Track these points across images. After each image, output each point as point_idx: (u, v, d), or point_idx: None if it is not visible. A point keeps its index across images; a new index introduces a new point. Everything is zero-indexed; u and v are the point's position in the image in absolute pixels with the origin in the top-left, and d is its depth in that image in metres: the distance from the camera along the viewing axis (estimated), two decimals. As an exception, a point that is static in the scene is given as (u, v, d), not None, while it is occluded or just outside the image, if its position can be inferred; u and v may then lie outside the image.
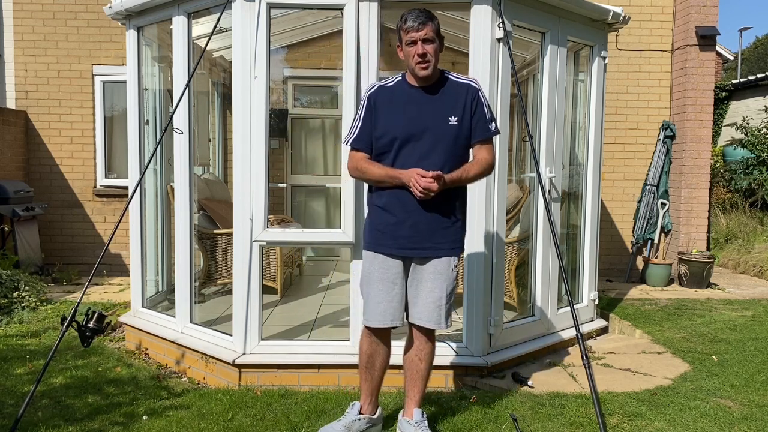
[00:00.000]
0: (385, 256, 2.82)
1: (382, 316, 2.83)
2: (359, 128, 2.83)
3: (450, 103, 2.77)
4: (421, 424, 2.91)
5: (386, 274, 2.83)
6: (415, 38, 2.67)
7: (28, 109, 7.04)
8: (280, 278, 5.46)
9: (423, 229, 2.77)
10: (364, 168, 2.81)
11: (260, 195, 3.71)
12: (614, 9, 4.52)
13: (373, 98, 2.83)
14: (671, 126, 6.91)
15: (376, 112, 2.80)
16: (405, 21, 2.69)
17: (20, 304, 5.19)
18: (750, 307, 5.54)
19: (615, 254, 7.15)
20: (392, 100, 2.80)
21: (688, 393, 3.53)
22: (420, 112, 2.76)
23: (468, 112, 2.78)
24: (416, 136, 2.73)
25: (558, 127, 4.33)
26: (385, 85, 2.86)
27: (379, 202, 2.82)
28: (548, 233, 4.28)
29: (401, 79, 2.85)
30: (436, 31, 2.71)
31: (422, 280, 2.83)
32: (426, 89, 2.79)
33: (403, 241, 2.78)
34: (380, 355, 2.95)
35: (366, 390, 2.99)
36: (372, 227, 2.87)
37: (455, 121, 2.75)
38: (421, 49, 2.67)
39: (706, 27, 6.62)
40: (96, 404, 3.38)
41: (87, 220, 7.14)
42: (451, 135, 2.75)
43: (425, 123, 2.74)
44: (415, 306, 2.85)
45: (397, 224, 2.77)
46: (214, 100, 7.14)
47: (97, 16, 6.93)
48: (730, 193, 9.46)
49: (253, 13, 3.65)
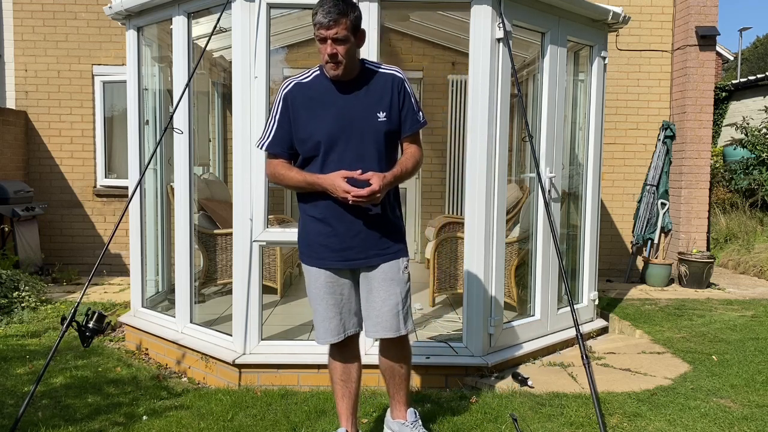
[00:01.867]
0: (330, 272, 2.61)
1: (336, 331, 2.64)
2: (274, 130, 2.57)
3: (376, 97, 2.53)
4: (416, 424, 2.80)
5: (334, 288, 2.62)
6: (325, 36, 2.39)
7: (28, 109, 7.04)
8: (280, 278, 5.46)
9: (366, 237, 2.56)
10: (281, 174, 2.56)
11: (260, 195, 3.71)
12: (614, 9, 4.52)
13: (289, 97, 2.55)
14: (671, 126, 6.91)
15: (295, 112, 2.53)
16: (316, 13, 2.40)
17: (20, 304, 5.19)
18: (750, 307, 5.54)
19: (615, 254, 7.15)
20: (311, 98, 2.53)
21: (688, 393, 3.53)
22: (345, 110, 2.51)
23: (396, 105, 2.55)
24: (344, 138, 2.49)
25: (558, 127, 4.33)
26: (301, 80, 2.57)
27: (315, 212, 2.58)
28: (548, 233, 4.28)
29: (319, 72, 2.57)
30: (351, 28, 2.41)
31: (373, 289, 2.62)
32: (348, 83, 2.52)
33: (348, 253, 2.57)
34: (355, 362, 2.75)
35: (346, 409, 2.74)
36: (310, 240, 2.62)
37: (384, 117, 2.52)
38: (330, 49, 2.40)
39: (706, 27, 6.62)
40: (96, 404, 3.38)
41: (87, 220, 7.14)
42: (381, 132, 2.52)
43: (352, 122, 2.50)
44: (369, 318, 2.65)
45: (338, 236, 2.55)
46: (214, 100, 7.14)
47: (97, 16, 6.93)
48: (730, 193, 9.45)
49: (253, 13, 3.65)
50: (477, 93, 3.77)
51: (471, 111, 3.80)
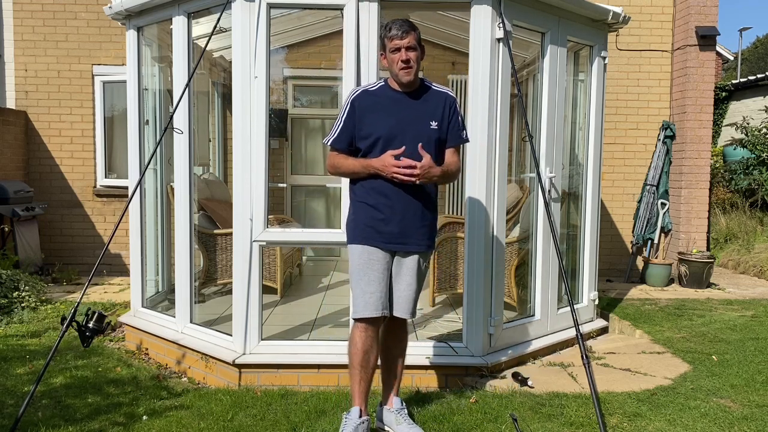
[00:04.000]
0: (375, 248, 2.92)
1: (378, 305, 2.88)
2: (340, 129, 2.93)
3: (431, 108, 2.93)
4: (402, 412, 3.01)
5: (378, 265, 2.92)
6: (400, 45, 2.82)
7: (28, 109, 7.04)
8: (280, 278, 5.46)
9: (408, 225, 2.90)
10: (340, 163, 2.94)
11: (260, 195, 3.72)
12: (614, 9, 4.52)
13: (356, 102, 2.93)
14: (671, 126, 6.91)
15: (360, 114, 2.90)
16: (389, 30, 2.84)
17: (20, 304, 5.19)
18: (750, 307, 5.54)
19: (615, 254, 7.15)
20: (376, 103, 2.91)
21: (688, 393, 3.53)
22: (404, 114, 2.89)
23: (446, 119, 2.95)
24: (400, 137, 2.85)
25: (558, 127, 4.33)
26: (368, 89, 2.98)
27: (366, 199, 2.92)
28: (548, 233, 4.28)
29: (384, 84, 2.98)
30: (417, 40, 2.86)
31: (401, 274, 2.96)
32: (408, 94, 2.93)
33: (390, 236, 2.90)
34: (375, 350, 2.95)
35: (362, 391, 2.94)
36: (359, 223, 2.95)
37: (435, 126, 2.91)
38: (404, 56, 2.81)
39: (706, 27, 6.62)
40: (96, 404, 3.38)
41: (87, 220, 7.14)
42: (432, 137, 2.89)
43: (408, 124, 2.87)
44: (396, 299, 2.97)
45: (383, 220, 2.89)
46: (214, 100, 7.14)
47: (97, 16, 6.93)
48: (730, 193, 9.45)
49: (253, 13, 3.65)
50: (477, 93, 3.77)
51: (471, 111, 3.80)
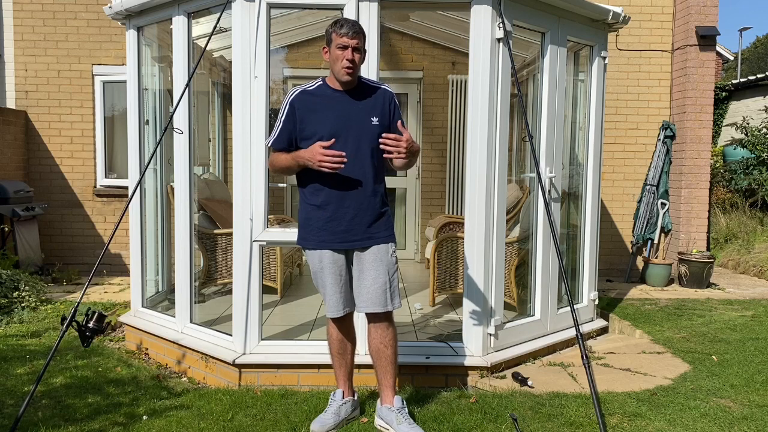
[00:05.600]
0: (331, 252, 3.00)
1: (340, 305, 3.04)
2: (279, 130, 2.99)
3: (370, 104, 2.99)
4: (402, 411, 3.03)
5: (334, 268, 3.01)
6: (348, 44, 2.85)
7: (28, 109, 7.04)
8: (280, 278, 5.46)
9: (359, 222, 2.96)
10: (275, 160, 3.02)
11: (260, 195, 3.72)
12: (614, 9, 4.52)
13: (296, 102, 2.97)
14: (671, 126, 6.91)
15: (301, 115, 2.95)
16: (341, 27, 2.87)
17: (20, 304, 5.19)
18: (750, 307, 5.54)
19: (615, 254, 7.15)
20: (316, 103, 2.96)
21: (688, 393, 3.53)
22: (345, 112, 2.94)
23: (387, 114, 3.01)
24: (342, 135, 2.90)
25: (558, 127, 4.33)
26: (307, 89, 3.01)
27: (315, 200, 2.98)
28: (548, 233, 4.28)
29: (322, 83, 3.02)
30: (363, 45, 2.92)
31: (364, 269, 3.00)
32: (348, 92, 2.97)
33: (346, 236, 2.97)
34: (350, 338, 3.18)
35: (343, 375, 3.20)
36: (310, 225, 3.02)
37: (377, 121, 2.96)
38: (350, 55, 2.85)
39: (706, 27, 6.62)
40: (96, 404, 3.38)
41: (87, 220, 7.14)
42: (374, 132, 2.93)
43: (350, 122, 2.93)
44: (361, 295, 3.02)
45: (334, 221, 2.96)
46: (214, 100, 7.14)
47: (97, 16, 6.93)
48: (730, 193, 9.45)
49: (253, 13, 3.65)
50: (477, 93, 3.77)
51: (471, 111, 3.80)
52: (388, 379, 3.08)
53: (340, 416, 3.09)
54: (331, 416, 3.07)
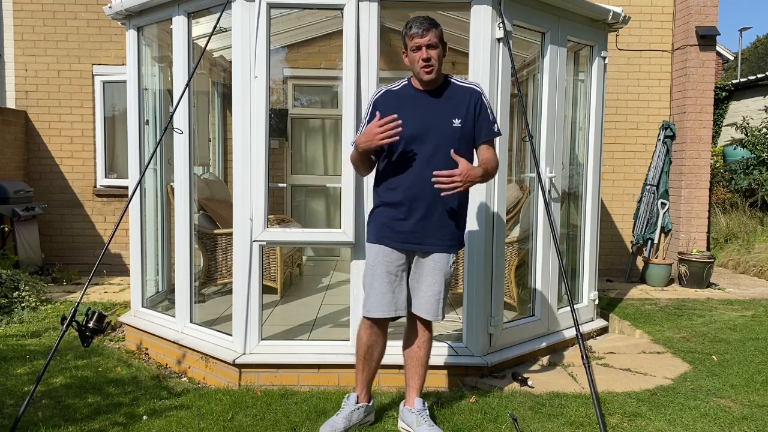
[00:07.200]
0: (390, 249, 2.93)
1: (387, 306, 2.93)
2: (362, 129, 2.93)
3: (453, 106, 2.89)
4: (423, 413, 3.02)
5: (390, 267, 2.93)
6: (420, 44, 2.79)
7: (28, 109, 7.04)
8: (280, 278, 5.46)
9: (426, 226, 2.88)
10: (351, 157, 2.94)
11: (260, 195, 3.72)
12: (614, 9, 4.52)
13: (378, 102, 2.94)
14: (671, 126, 6.91)
15: (383, 113, 2.86)
16: (410, 28, 2.81)
17: (20, 304, 5.19)
18: (750, 307, 5.54)
19: (615, 254, 7.15)
20: (398, 103, 2.90)
21: (688, 393, 3.53)
22: (425, 113, 2.87)
23: (471, 115, 2.90)
24: (421, 137, 2.84)
25: (558, 127, 4.33)
26: (391, 89, 2.97)
27: (387, 198, 2.92)
28: (548, 233, 4.28)
29: (407, 83, 2.97)
30: (439, 37, 2.82)
31: (423, 274, 2.95)
32: (431, 92, 2.90)
33: (407, 236, 2.90)
34: (379, 346, 3.05)
35: (363, 380, 3.11)
36: (377, 221, 2.97)
37: (458, 124, 2.87)
38: (425, 54, 2.78)
39: (706, 27, 6.62)
40: (96, 404, 3.38)
41: (87, 220, 7.14)
42: (454, 136, 2.86)
43: (430, 124, 2.85)
44: (417, 298, 2.98)
45: (402, 220, 2.89)
46: (214, 100, 7.14)
47: (97, 16, 6.93)
48: (730, 193, 9.45)
49: (253, 13, 3.65)
50: (477, 93, 3.76)
51: (471, 111, 3.79)
52: (416, 381, 3.08)
53: (351, 421, 3.04)
54: (342, 420, 3.03)
